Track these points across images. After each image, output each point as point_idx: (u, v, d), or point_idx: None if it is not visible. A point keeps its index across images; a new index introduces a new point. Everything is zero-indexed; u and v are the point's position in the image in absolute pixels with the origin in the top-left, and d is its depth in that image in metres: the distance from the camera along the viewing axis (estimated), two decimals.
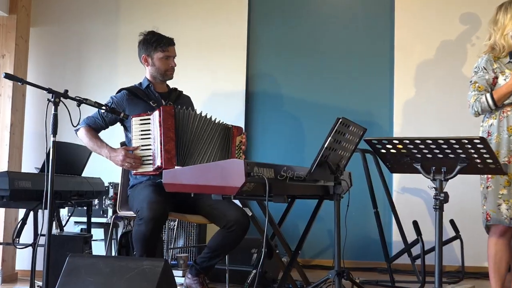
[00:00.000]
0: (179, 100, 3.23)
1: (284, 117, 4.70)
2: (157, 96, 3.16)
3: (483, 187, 2.87)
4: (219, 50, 4.68)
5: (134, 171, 2.96)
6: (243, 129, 3.18)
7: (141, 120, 2.94)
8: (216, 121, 3.08)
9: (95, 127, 3.11)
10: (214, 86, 4.66)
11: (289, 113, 4.69)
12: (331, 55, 4.71)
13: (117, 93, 3.16)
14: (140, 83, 3.21)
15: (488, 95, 2.91)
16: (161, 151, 2.85)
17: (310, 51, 4.73)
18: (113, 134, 3.30)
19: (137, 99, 3.10)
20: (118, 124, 3.14)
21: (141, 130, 2.94)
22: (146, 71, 3.20)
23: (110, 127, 3.15)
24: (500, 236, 2.84)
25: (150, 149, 2.91)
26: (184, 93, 3.33)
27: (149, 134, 2.91)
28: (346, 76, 4.66)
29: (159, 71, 3.15)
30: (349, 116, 2.40)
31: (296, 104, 4.69)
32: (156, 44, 3.12)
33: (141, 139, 2.94)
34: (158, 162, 2.86)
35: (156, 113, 2.90)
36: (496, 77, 2.96)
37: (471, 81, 3.00)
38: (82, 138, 3.09)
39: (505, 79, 2.91)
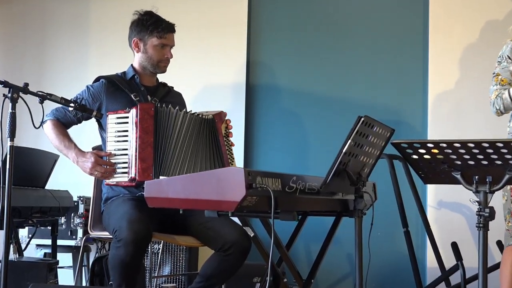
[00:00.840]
0: (167, 97, 3.25)
1: (293, 115, 4.71)
2: (142, 90, 3.18)
3: (506, 199, 2.90)
4: (213, 32, 4.70)
5: (106, 181, 2.98)
6: (226, 114, 3.22)
7: (118, 118, 2.96)
8: (200, 116, 3.11)
9: (65, 122, 3.14)
10: (208, 76, 4.69)
11: (299, 110, 4.71)
12: (351, 39, 4.72)
13: (94, 81, 3.18)
14: (124, 73, 3.24)
15: (511, 89, 2.96)
16: (135, 159, 2.88)
17: (324, 34, 4.75)
18: (84, 131, 3.32)
19: (118, 92, 3.13)
20: (93, 119, 3.15)
21: (117, 131, 2.96)
22: (135, 58, 3.23)
23: (84, 121, 3.19)
24: None
25: (126, 154, 2.93)
26: (175, 89, 3.36)
27: (127, 136, 2.94)
28: (369, 64, 4.67)
29: (151, 60, 3.17)
30: (373, 114, 2.41)
31: (308, 99, 4.70)
32: (152, 27, 3.14)
33: (117, 141, 2.96)
34: (132, 173, 2.89)
35: (133, 111, 2.92)
36: None
37: (494, 73, 3.05)
38: (48, 133, 3.12)
39: None
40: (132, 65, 3.24)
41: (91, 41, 4.80)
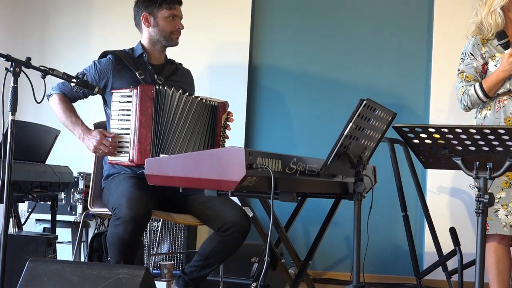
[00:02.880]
0: (174, 76, 3.23)
1: (295, 98, 4.71)
2: (149, 69, 3.16)
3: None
4: (217, 12, 4.68)
5: (109, 159, 2.99)
6: (229, 105, 3.22)
7: (122, 96, 2.96)
8: (203, 101, 3.10)
9: (70, 96, 3.13)
10: (208, 57, 4.67)
11: (301, 93, 4.70)
12: (354, 21, 4.70)
13: (100, 56, 3.16)
14: (132, 49, 3.22)
15: (477, 85, 2.99)
16: (134, 142, 2.90)
17: (328, 16, 4.73)
18: (88, 107, 3.31)
19: (125, 70, 3.11)
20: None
21: (121, 109, 2.96)
22: (144, 34, 3.19)
23: (90, 96, 3.16)
24: (499, 242, 2.97)
25: (129, 134, 2.94)
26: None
27: (130, 115, 2.94)
28: (373, 47, 4.65)
29: (163, 33, 3.15)
30: (376, 97, 2.41)
31: (310, 81, 4.69)
32: (161, 0, 3.13)
33: (121, 120, 2.96)
34: (131, 155, 2.91)
35: (135, 92, 2.92)
36: (486, 63, 3.02)
37: (458, 70, 3.06)
38: (54, 108, 3.11)
39: (495, 65, 2.96)
40: (140, 42, 3.21)
41: (94, 16, 4.78)
